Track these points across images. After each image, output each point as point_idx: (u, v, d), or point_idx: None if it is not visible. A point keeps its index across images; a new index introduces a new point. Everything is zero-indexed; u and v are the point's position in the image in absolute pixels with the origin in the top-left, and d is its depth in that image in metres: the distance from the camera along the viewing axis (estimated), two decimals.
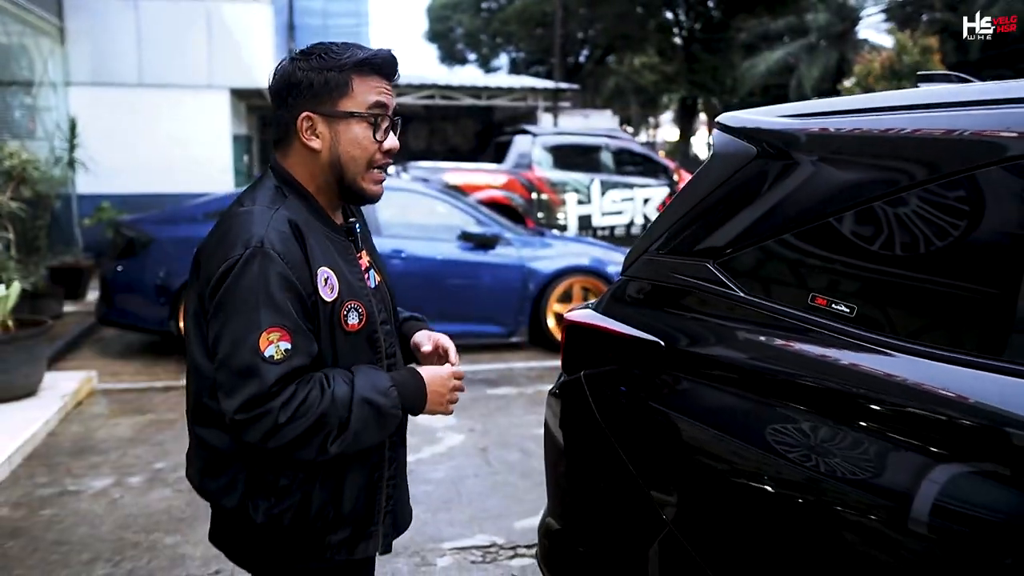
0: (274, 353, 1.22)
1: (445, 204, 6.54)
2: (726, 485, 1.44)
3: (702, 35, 20.14)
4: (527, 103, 15.76)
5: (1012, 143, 1.28)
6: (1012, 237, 1.27)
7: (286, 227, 1.29)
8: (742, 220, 1.58)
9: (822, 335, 1.40)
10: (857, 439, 1.30)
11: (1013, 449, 1.14)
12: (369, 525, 1.42)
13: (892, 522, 1.22)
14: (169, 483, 3.65)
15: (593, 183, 10.28)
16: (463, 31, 28.11)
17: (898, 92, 1.55)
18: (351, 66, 1.33)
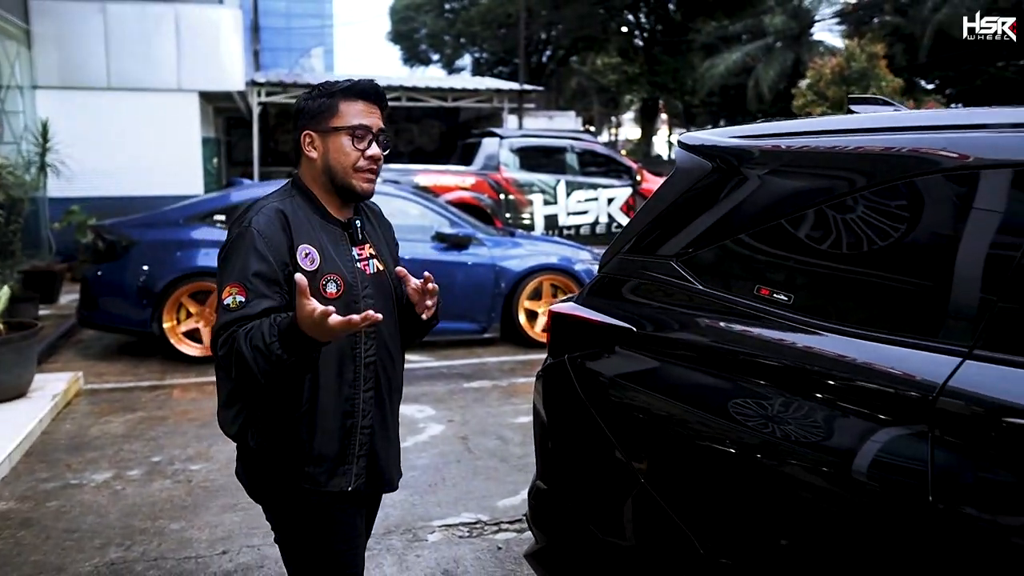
0: (230, 303, 1.57)
1: (419, 206, 6.77)
2: (689, 447, 1.74)
3: (663, 37, 20.62)
4: (492, 104, 16.02)
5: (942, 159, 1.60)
6: (938, 238, 1.58)
7: (273, 214, 1.66)
8: (700, 224, 1.88)
9: (766, 320, 1.71)
10: (794, 403, 1.61)
11: (937, 412, 1.44)
12: (342, 464, 1.69)
13: (834, 475, 1.53)
14: (168, 475, 3.85)
15: (559, 184, 10.59)
16: (427, 32, 28.27)
17: (837, 117, 1.86)
18: (338, 93, 1.70)
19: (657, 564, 1.82)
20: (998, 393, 1.42)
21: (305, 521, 1.72)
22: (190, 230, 6.02)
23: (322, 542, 1.73)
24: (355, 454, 1.72)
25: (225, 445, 4.24)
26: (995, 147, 1.58)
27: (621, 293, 2.00)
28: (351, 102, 1.70)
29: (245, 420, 1.69)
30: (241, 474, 1.81)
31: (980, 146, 1.59)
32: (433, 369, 5.96)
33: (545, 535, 2.13)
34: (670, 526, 1.77)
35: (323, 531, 1.73)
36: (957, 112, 1.74)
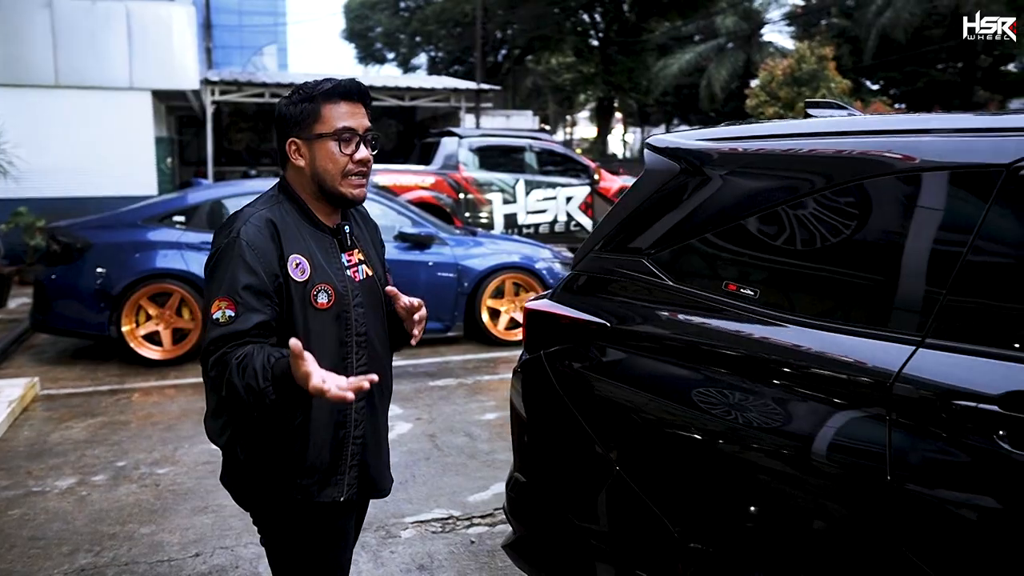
0: (219, 317, 1.54)
1: (380, 205, 6.77)
2: (663, 436, 1.82)
3: (618, 37, 20.85)
4: (450, 104, 16.02)
5: (893, 162, 1.70)
6: (890, 236, 1.69)
7: (261, 223, 1.61)
8: (670, 223, 1.96)
9: (734, 314, 1.80)
10: (762, 392, 1.70)
11: (894, 398, 1.55)
12: (334, 474, 1.68)
13: (799, 459, 1.62)
14: (134, 479, 3.81)
15: (518, 183, 10.67)
16: (382, 30, 28.08)
17: (792, 122, 1.97)
18: (319, 96, 1.64)
19: (633, 549, 1.90)
20: (949, 379, 1.53)
21: (295, 530, 1.71)
22: (148, 231, 5.92)
23: (312, 550, 1.72)
24: (347, 464, 1.70)
25: (191, 448, 4.21)
26: (937, 150, 1.69)
27: (595, 290, 2.08)
28: (334, 104, 1.65)
29: (234, 432, 1.66)
30: (229, 483, 1.77)
31: (924, 149, 1.70)
32: (398, 368, 5.97)
33: (523, 526, 2.19)
34: (645, 512, 1.86)
35: (313, 539, 1.72)
36: (905, 117, 1.86)
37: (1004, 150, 1.59)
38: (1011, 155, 1.57)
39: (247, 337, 1.53)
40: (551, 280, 6.64)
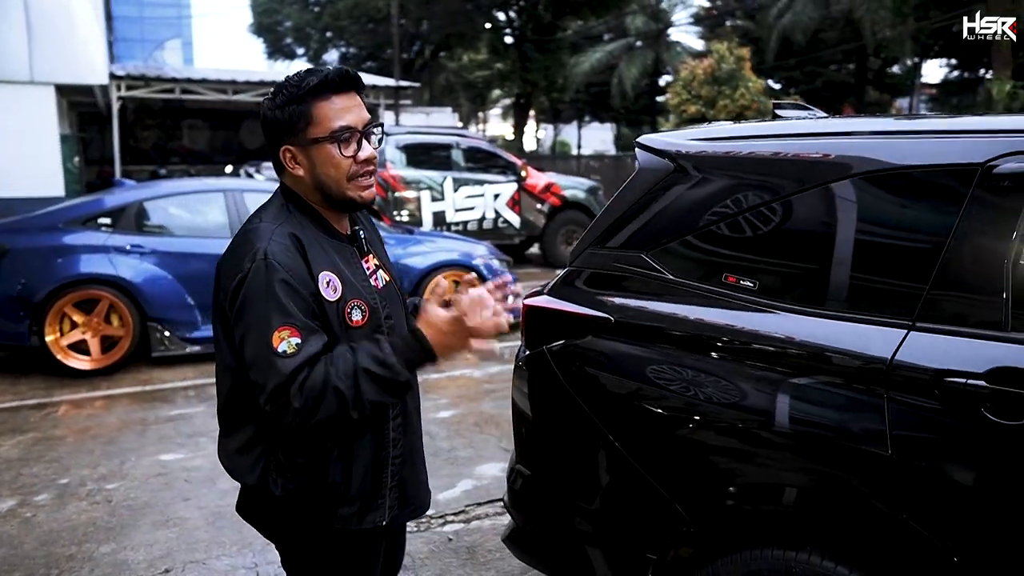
0: (287, 348, 1.38)
1: None
2: (672, 424, 1.90)
3: (533, 35, 21.06)
4: (368, 100, 15.79)
5: (855, 163, 1.83)
6: (879, 231, 1.82)
7: (287, 239, 1.45)
8: (667, 219, 2.04)
9: (732, 304, 1.90)
10: (767, 377, 1.81)
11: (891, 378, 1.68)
12: (376, 499, 1.58)
13: (800, 439, 1.74)
14: (82, 497, 3.62)
15: (446, 180, 10.65)
16: (292, 25, 27.32)
17: (778, 123, 2.08)
18: (307, 95, 1.46)
19: (644, 535, 1.98)
20: (940, 358, 1.67)
21: (328, 558, 1.62)
22: (71, 235, 5.60)
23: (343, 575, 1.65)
24: (388, 487, 1.61)
25: (139, 460, 4.04)
26: (919, 151, 1.84)
27: (594, 285, 2.13)
28: (325, 101, 1.46)
29: (266, 466, 1.53)
30: (253, 516, 1.65)
31: (906, 151, 1.85)
32: None
33: (527, 518, 2.23)
34: (657, 499, 1.93)
35: (347, 567, 1.64)
36: (887, 120, 2.01)
37: (978, 151, 1.75)
38: (984, 155, 1.73)
39: (321, 364, 1.42)
40: (489, 276, 6.68)
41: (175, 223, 6.05)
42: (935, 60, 25.70)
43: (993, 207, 1.72)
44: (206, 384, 5.43)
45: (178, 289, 5.75)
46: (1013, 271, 1.67)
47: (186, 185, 6.41)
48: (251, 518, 1.67)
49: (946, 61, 24.80)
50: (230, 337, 1.50)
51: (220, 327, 1.55)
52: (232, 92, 13.60)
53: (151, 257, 5.71)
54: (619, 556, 2.05)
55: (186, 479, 3.81)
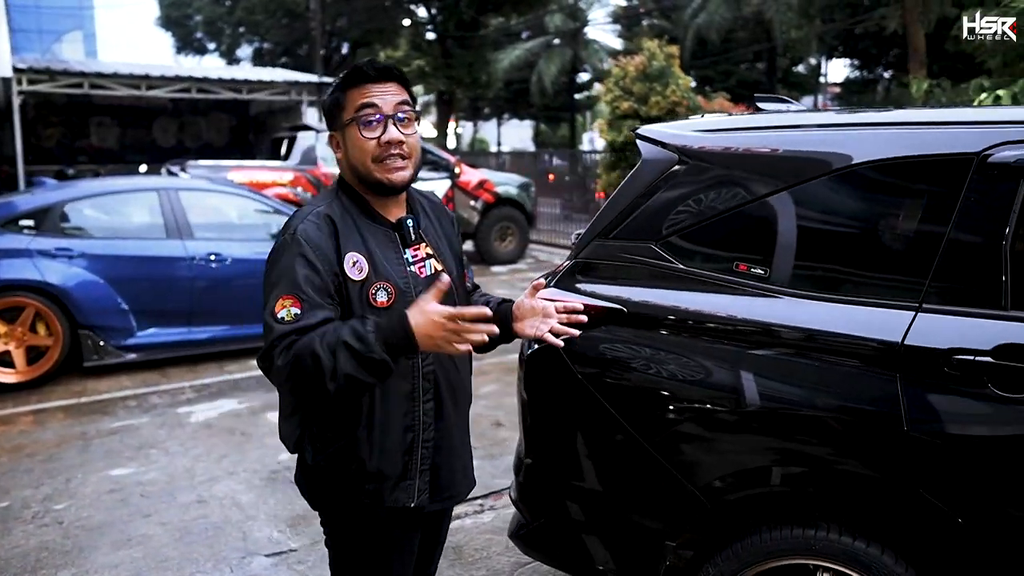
0: (285, 316, 1.47)
1: (261, 204, 6.42)
2: (691, 410, 1.93)
3: (456, 32, 20.95)
4: (290, 97, 15.34)
5: (858, 154, 1.90)
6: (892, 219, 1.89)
7: (320, 220, 1.56)
8: (674, 209, 2.06)
9: (745, 292, 1.94)
10: (784, 360, 1.85)
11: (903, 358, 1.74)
12: (403, 479, 1.62)
13: (820, 419, 1.79)
14: (28, 520, 3.37)
15: None
16: (203, 19, 26.22)
17: (779, 115, 2.13)
18: (344, 83, 1.60)
19: (661, 521, 1.99)
20: (948, 338, 1.75)
21: (362, 535, 1.66)
22: (4, 236, 5.21)
23: (376, 557, 1.67)
24: (417, 469, 1.64)
25: (87, 477, 3.79)
26: (918, 142, 1.92)
27: (601, 276, 2.14)
28: (356, 88, 1.58)
29: (301, 435, 1.62)
30: (300, 483, 1.72)
31: (906, 141, 1.93)
32: None
33: (534, 511, 2.21)
34: (674, 484, 1.95)
35: (378, 546, 1.67)
36: (885, 113, 2.08)
37: (973, 141, 1.84)
38: (980, 144, 1.82)
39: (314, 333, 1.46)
40: None
41: (105, 224, 5.72)
42: (840, 60, 27.05)
43: (989, 193, 1.81)
44: (148, 393, 5.16)
45: (111, 294, 5.43)
46: (1010, 253, 1.77)
47: (116, 184, 6.06)
48: (299, 485, 1.73)
49: (849, 61, 26.14)
50: None
51: None
52: (146, 87, 12.94)
53: (80, 261, 5.37)
54: (635, 545, 2.06)
55: (142, 494, 3.60)
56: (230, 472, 3.86)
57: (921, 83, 6.42)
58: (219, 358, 5.93)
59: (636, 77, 9.23)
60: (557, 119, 35.94)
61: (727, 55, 25.31)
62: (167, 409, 4.84)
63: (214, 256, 5.75)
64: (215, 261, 5.75)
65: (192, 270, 5.68)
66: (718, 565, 1.96)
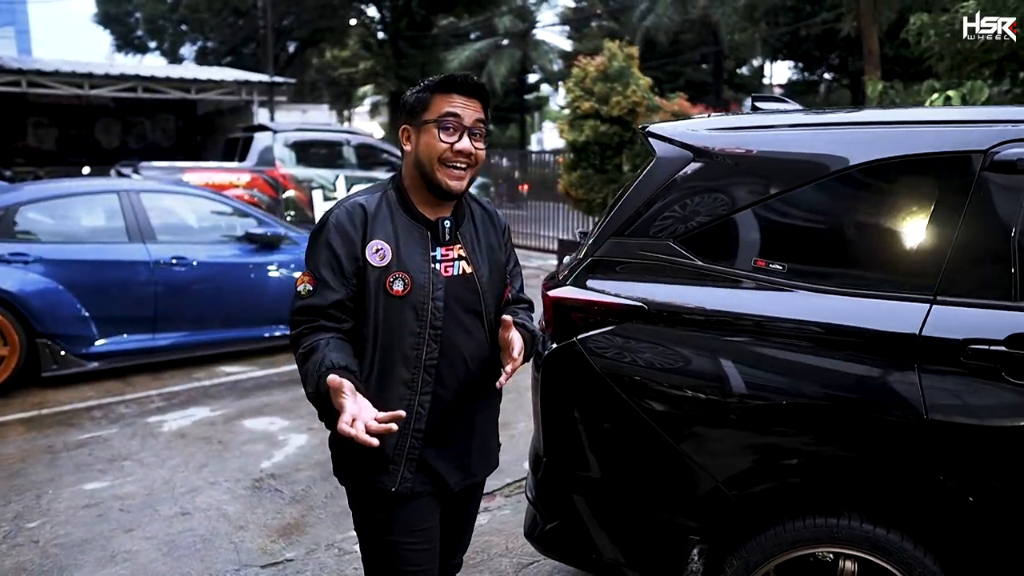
0: (302, 290, 1.68)
1: (221, 204, 6.25)
2: (715, 403, 1.95)
3: (408, 32, 20.76)
4: (241, 97, 15.00)
5: (871, 151, 1.95)
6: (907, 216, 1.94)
7: (355, 208, 1.69)
8: (693, 207, 2.09)
9: (766, 287, 1.97)
10: (808, 353, 1.89)
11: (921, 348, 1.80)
12: (389, 463, 1.69)
13: (844, 408, 1.83)
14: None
15: (338, 179, 10.33)
16: (143, 16, 25.36)
17: (789, 115, 2.18)
18: (434, 87, 1.69)
19: (686, 515, 2.01)
20: (963, 328, 1.82)
21: (366, 510, 1.76)
22: None
23: (378, 534, 1.75)
24: (404, 456, 1.69)
25: (58, 492, 3.63)
26: (929, 140, 1.98)
27: (618, 273, 2.14)
28: (446, 95, 1.68)
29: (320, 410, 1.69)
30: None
31: (918, 139, 1.98)
32: (261, 379, 5.57)
33: (554, 511, 2.21)
34: (699, 479, 1.98)
35: (380, 523, 1.74)
36: (892, 112, 2.14)
37: (981, 139, 1.91)
38: (987, 142, 1.89)
39: (324, 315, 1.64)
40: None
41: (64, 228, 5.47)
42: (784, 62, 27.77)
43: (997, 190, 1.88)
44: (113, 403, 4.96)
45: (70, 300, 5.22)
46: (1019, 247, 1.84)
47: (74, 186, 5.80)
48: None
49: (792, 63, 26.86)
50: None
51: None
52: (89, 86, 12.47)
53: (37, 266, 5.14)
54: (657, 541, 2.08)
55: (121, 508, 3.47)
56: (211, 482, 3.75)
57: (876, 84, 6.64)
58: (185, 365, 5.76)
59: (597, 77, 9.29)
60: (507, 120, 35.97)
61: (675, 57, 25.73)
62: (136, 419, 4.67)
63: (178, 260, 5.58)
64: (179, 265, 5.58)
65: (155, 274, 5.49)
66: (743, 556, 1.99)
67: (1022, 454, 1.77)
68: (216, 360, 5.92)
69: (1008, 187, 1.87)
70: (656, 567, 2.09)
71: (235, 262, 5.91)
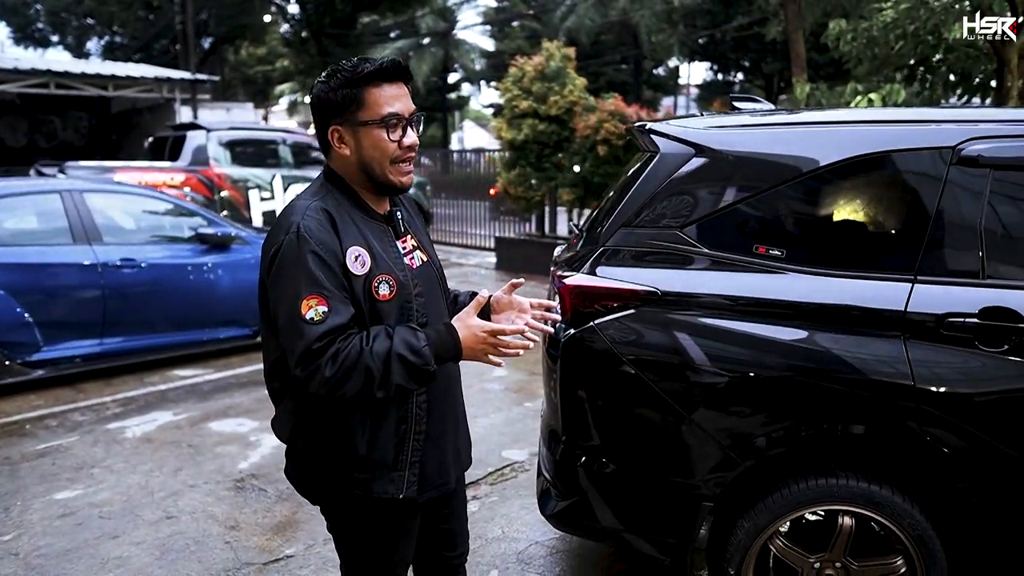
0: (314, 316, 1.47)
1: (169, 204, 6.08)
2: (720, 376, 2.12)
3: (331, 29, 20.43)
4: (162, 95, 14.47)
5: (855, 146, 2.17)
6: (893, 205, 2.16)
7: (320, 214, 1.55)
8: (698, 199, 2.26)
9: (767, 271, 2.16)
10: (811, 331, 2.09)
11: (907, 322, 2.02)
12: (392, 471, 1.64)
13: (844, 380, 2.03)
14: None
15: (275, 178, 10.15)
16: (45, 8, 23.98)
17: (782, 114, 2.37)
18: (361, 80, 1.55)
19: (699, 482, 2.18)
20: (942, 303, 2.05)
21: (356, 523, 1.70)
22: None
23: (375, 543, 1.71)
24: (408, 460, 1.66)
25: (28, 503, 3.52)
26: (902, 137, 2.21)
27: (630, 261, 2.29)
28: (377, 88, 1.55)
29: (295, 427, 1.66)
30: (291, 476, 1.76)
31: (890, 137, 2.21)
32: (220, 381, 5.47)
33: (572, 488, 2.33)
34: (712, 448, 2.14)
35: (373, 534, 1.71)
36: (872, 111, 2.37)
37: (950, 136, 2.15)
38: (955, 139, 2.13)
39: (349, 330, 1.51)
40: None
41: (2, 230, 5.22)
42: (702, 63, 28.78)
43: (965, 181, 2.13)
44: (67, 411, 4.79)
45: (11, 306, 4.99)
46: (984, 232, 2.09)
47: (12, 186, 5.51)
48: (290, 477, 1.75)
49: (708, 65, 27.87)
50: (267, 307, 1.59)
51: (261, 300, 1.63)
52: None
53: None
54: (672, 509, 2.23)
55: (100, 515, 3.38)
56: (190, 485, 3.70)
57: (804, 86, 7.07)
58: (136, 369, 5.59)
59: (534, 77, 9.47)
60: (430, 118, 35.85)
61: (596, 58, 26.28)
62: (95, 426, 4.53)
63: (126, 261, 5.41)
64: (127, 266, 5.41)
65: (103, 277, 5.31)
66: (753, 518, 2.18)
67: (994, 414, 2.02)
68: (169, 364, 5.77)
69: (973, 179, 2.12)
70: (671, 534, 2.24)
71: (185, 263, 5.77)
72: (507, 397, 5.08)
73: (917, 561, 2.12)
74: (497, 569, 2.91)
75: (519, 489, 3.64)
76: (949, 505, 2.11)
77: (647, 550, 2.31)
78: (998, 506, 2.06)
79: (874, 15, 6.96)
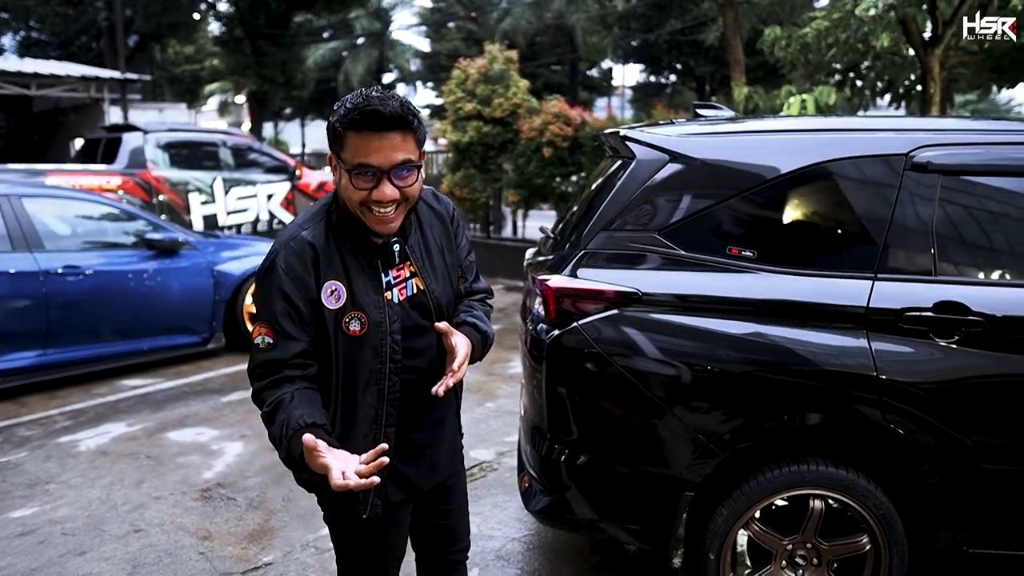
0: (260, 343, 1.59)
1: (111, 209, 5.90)
2: (706, 373, 2.24)
3: (266, 28, 20.00)
4: (90, 94, 13.92)
5: (820, 153, 2.32)
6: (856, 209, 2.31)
7: (303, 247, 1.59)
8: (673, 204, 2.37)
9: (739, 271, 2.29)
10: (777, 327, 2.22)
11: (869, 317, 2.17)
12: (358, 494, 1.66)
13: (812, 373, 2.17)
14: None
15: (215, 182, 9.91)
16: None
17: (751, 122, 2.50)
18: (345, 124, 1.51)
19: (680, 473, 2.29)
20: (899, 299, 2.22)
21: (337, 528, 1.80)
22: None
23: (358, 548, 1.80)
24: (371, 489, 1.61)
25: None
26: (859, 144, 2.37)
27: (611, 263, 2.38)
28: (357, 135, 1.50)
29: None
30: None
31: (851, 144, 2.37)
32: (173, 390, 5.34)
33: (558, 484, 2.42)
34: (690, 440, 2.26)
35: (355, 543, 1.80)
36: (833, 120, 2.53)
37: (903, 144, 2.32)
38: (907, 147, 2.31)
39: (286, 366, 1.58)
40: None
41: None
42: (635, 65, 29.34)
43: (917, 186, 2.30)
44: (11, 426, 4.60)
45: None
46: (935, 232, 2.27)
47: None
48: None
49: (642, 67, 28.43)
50: None
51: None
52: None
53: None
54: (655, 500, 2.34)
55: (63, 532, 3.29)
56: (155, 496, 3.63)
57: (742, 89, 7.36)
58: (82, 381, 5.41)
59: (478, 79, 9.54)
60: None
61: (533, 60, 26.50)
62: (44, 440, 4.38)
63: (69, 268, 5.24)
64: (71, 274, 5.24)
65: (45, 285, 5.12)
66: (730, 505, 2.30)
67: (947, 400, 2.20)
68: (117, 374, 5.60)
69: (924, 184, 2.29)
70: (653, 523, 2.35)
71: (131, 269, 5.61)
72: (467, 398, 5.12)
73: (880, 538, 2.28)
74: (477, 567, 2.97)
75: (490, 488, 3.70)
76: (909, 486, 2.28)
77: (627, 540, 2.42)
78: (953, 485, 2.24)
79: (808, 23, 7.28)
